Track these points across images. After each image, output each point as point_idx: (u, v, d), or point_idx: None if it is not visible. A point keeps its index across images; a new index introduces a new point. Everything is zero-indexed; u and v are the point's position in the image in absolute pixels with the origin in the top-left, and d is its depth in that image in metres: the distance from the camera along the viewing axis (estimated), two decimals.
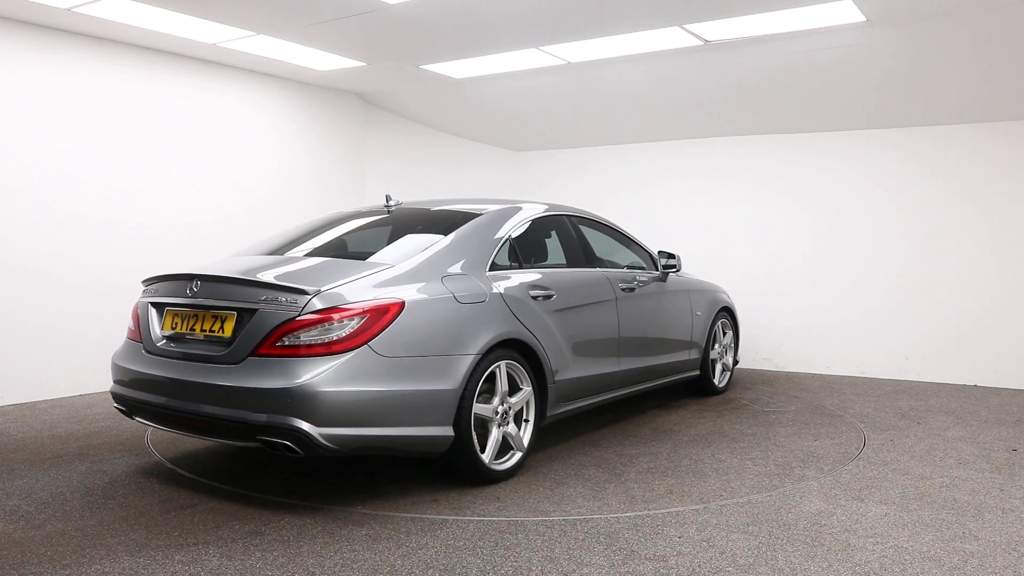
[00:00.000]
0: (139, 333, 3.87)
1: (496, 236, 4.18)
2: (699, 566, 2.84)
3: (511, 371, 3.92)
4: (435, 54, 6.29)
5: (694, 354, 5.74)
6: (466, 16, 5.34)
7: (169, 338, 3.72)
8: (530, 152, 9.13)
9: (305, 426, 3.18)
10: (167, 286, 3.83)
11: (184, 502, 3.52)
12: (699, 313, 5.77)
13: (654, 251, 5.54)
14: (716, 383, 6.08)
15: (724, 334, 6.23)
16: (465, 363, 3.60)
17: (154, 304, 3.86)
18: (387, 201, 4.65)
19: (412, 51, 6.21)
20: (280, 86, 7.26)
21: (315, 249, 4.17)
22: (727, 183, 7.77)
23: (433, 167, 8.54)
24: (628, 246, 5.41)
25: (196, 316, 3.64)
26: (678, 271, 5.55)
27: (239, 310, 3.48)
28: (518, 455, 3.93)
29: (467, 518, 3.32)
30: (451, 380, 3.55)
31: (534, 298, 4.13)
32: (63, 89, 5.83)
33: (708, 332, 5.89)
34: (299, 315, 3.30)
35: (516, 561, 2.88)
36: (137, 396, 3.71)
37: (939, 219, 6.77)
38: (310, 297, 3.34)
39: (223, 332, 3.50)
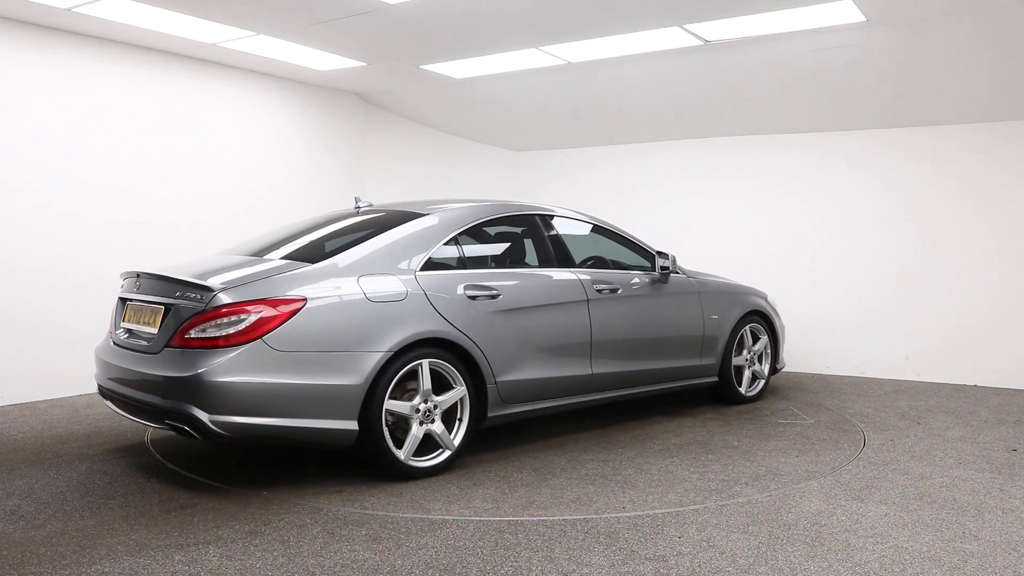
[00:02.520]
0: (112, 326, 4.26)
1: (435, 236, 4.23)
2: (699, 566, 2.84)
3: (440, 370, 3.97)
4: (435, 54, 6.28)
5: (708, 359, 5.48)
6: (466, 16, 5.34)
7: (126, 330, 4.05)
8: (530, 152, 9.12)
9: (198, 413, 3.44)
10: (128, 283, 4.22)
11: (184, 502, 3.52)
12: (715, 316, 5.51)
13: (656, 253, 5.35)
14: (743, 391, 5.73)
15: (755, 339, 5.87)
16: (372, 360, 3.71)
17: (121, 299, 4.23)
18: (356, 203, 4.79)
19: (412, 51, 6.21)
20: (280, 86, 7.26)
21: (267, 249, 4.28)
22: (727, 183, 7.76)
23: (433, 167, 8.53)
24: (625, 247, 5.27)
25: (141, 310, 3.97)
26: (672, 271, 5.31)
27: (165, 305, 3.77)
28: (446, 453, 3.97)
29: (467, 518, 3.33)
30: (355, 376, 3.66)
31: (472, 298, 4.13)
32: (63, 89, 5.82)
33: (730, 336, 5.62)
34: (203, 310, 3.56)
35: (516, 561, 2.88)
36: (105, 384, 4.07)
37: (939, 219, 6.76)
38: (215, 293, 3.59)
39: (154, 325, 3.80)
